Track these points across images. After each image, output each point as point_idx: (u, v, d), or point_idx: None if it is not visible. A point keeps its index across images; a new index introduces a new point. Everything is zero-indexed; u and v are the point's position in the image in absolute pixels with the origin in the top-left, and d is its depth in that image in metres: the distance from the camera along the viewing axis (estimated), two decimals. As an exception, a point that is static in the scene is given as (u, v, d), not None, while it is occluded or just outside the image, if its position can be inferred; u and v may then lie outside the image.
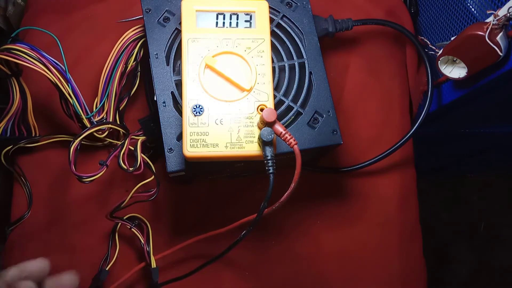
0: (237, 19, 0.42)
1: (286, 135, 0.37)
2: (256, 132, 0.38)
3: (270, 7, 0.46)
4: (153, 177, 0.44)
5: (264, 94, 0.40)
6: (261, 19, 0.42)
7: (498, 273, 1.03)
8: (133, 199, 0.44)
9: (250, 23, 0.42)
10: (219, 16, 0.42)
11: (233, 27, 0.41)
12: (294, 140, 0.37)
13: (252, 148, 0.38)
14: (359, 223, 0.52)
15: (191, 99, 0.39)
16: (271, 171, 0.37)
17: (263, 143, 0.37)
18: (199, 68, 0.40)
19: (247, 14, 0.42)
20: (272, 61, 0.45)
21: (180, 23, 0.45)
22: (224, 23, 0.42)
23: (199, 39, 0.40)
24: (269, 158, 0.37)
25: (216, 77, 0.40)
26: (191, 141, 0.37)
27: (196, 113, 0.38)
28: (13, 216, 0.50)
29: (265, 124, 0.37)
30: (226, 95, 0.39)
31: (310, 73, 0.44)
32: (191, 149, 0.37)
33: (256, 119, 0.39)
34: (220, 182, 0.52)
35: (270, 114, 0.36)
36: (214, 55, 0.40)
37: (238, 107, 0.39)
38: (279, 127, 0.37)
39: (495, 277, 1.03)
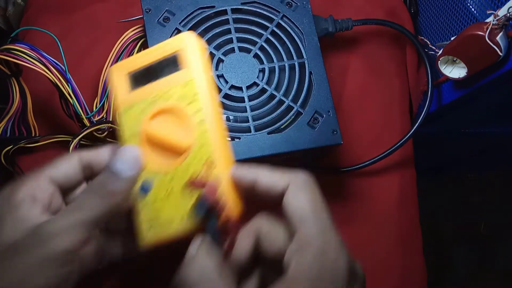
0: (166, 65, 0.34)
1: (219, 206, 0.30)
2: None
3: (270, 7, 0.46)
4: None
5: (208, 143, 0.31)
6: (189, 56, 0.33)
7: (498, 273, 1.03)
8: None
9: (178, 65, 0.34)
10: (148, 69, 0.34)
11: (163, 77, 0.34)
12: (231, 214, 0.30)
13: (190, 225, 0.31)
14: (359, 223, 0.52)
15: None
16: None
17: (201, 217, 0.30)
18: (138, 139, 0.33)
19: (172, 57, 0.34)
20: (272, 61, 0.45)
21: (180, 22, 0.45)
22: (155, 75, 0.34)
23: (134, 104, 0.34)
24: (210, 233, 0.30)
25: (156, 143, 0.33)
26: (146, 227, 0.32)
27: (144, 191, 0.32)
28: (13, 216, 0.50)
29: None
30: (170, 161, 0.32)
31: (310, 73, 0.44)
32: (148, 235, 0.32)
33: (206, 175, 0.31)
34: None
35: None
36: (150, 118, 0.33)
37: (184, 171, 0.31)
38: (211, 195, 0.30)
39: (495, 277, 1.03)
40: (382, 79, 0.56)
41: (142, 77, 0.34)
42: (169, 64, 0.34)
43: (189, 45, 0.33)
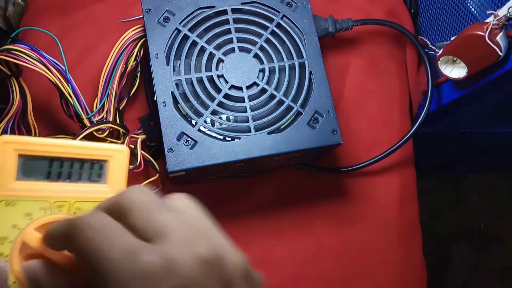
0: (81, 169, 0.28)
1: None
2: None
3: (270, 7, 0.46)
4: (157, 175, 0.44)
5: None
6: (117, 172, 0.29)
7: (498, 273, 1.03)
8: None
9: (100, 176, 0.29)
10: (54, 164, 0.28)
11: (73, 182, 0.28)
12: None
13: None
14: (359, 223, 0.52)
15: None
16: None
17: None
18: (8, 247, 0.26)
19: (96, 163, 0.29)
20: (272, 61, 0.45)
21: (180, 23, 0.45)
22: (60, 174, 0.28)
23: (18, 201, 0.26)
24: None
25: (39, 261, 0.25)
26: None
27: None
28: (13, 216, 0.50)
29: None
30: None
31: (310, 73, 0.44)
32: None
33: None
34: (220, 182, 0.52)
35: None
36: (38, 227, 0.26)
37: None
38: None
39: (495, 277, 1.03)
40: (382, 79, 0.56)
41: (41, 168, 0.27)
42: (85, 169, 0.28)
43: (121, 161, 0.29)
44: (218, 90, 0.43)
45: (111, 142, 0.50)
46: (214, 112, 0.43)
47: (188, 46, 0.44)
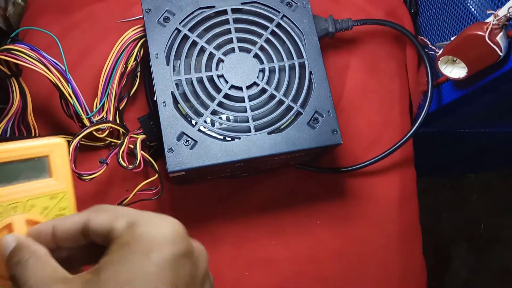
0: (24, 169, 0.29)
1: None
2: None
3: (270, 7, 0.46)
4: (156, 175, 0.44)
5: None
6: (59, 164, 0.30)
7: (498, 273, 1.03)
8: (136, 197, 0.44)
9: (45, 171, 0.30)
10: (1, 168, 0.29)
11: (20, 183, 0.29)
12: None
13: None
14: (359, 223, 0.52)
15: None
16: None
17: None
18: None
19: (37, 160, 0.30)
20: (272, 61, 0.45)
21: (180, 23, 0.45)
22: (4, 179, 0.28)
23: None
24: None
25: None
26: None
27: None
28: (13, 216, 0.50)
29: None
30: None
31: (310, 73, 0.44)
32: None
33: None
34: (220, 181, 0.52)
35: None
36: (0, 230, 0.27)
37: None
38: None
39: (495, 277, 1.03)
40: (382, 79, 0.56)
41: None
42: (28, 168, 0.29)
43: (61, 153, 0.30)
44: (218, 90, 0.43)
45: (111, 141, 0.50)
46: (214, 112, 0.43)
47: (188, 46, 0.44)
